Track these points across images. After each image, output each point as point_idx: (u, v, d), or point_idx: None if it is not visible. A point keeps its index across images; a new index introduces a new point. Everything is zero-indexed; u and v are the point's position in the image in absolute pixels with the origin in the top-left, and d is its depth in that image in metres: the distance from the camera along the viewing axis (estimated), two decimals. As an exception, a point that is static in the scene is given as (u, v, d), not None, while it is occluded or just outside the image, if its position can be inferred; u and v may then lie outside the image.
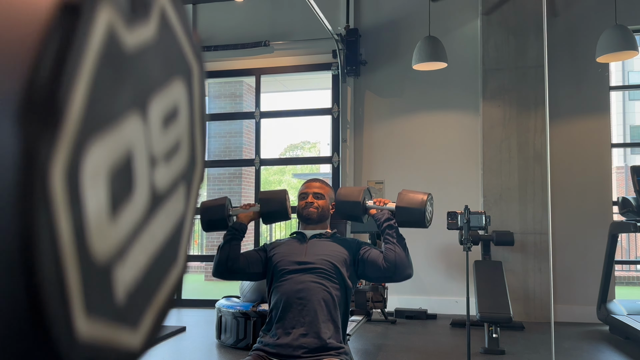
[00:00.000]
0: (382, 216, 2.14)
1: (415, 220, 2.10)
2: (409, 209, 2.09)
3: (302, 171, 18.54)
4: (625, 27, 4.60)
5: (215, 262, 2.18)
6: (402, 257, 2.06)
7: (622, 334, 4.32)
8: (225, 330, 4.14)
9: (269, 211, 2.26)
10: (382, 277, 2.13)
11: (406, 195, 2.12)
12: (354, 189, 2.21)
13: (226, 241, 2.18)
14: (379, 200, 2.19)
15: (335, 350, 2.01)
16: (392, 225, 2.11)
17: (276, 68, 6.25)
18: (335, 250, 2.15)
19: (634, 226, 4.11)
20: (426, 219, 2.10)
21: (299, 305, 2.04)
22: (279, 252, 2.18)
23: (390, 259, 2.06)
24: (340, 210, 2.20)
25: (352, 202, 2.16)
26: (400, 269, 2.06)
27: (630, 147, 18.82)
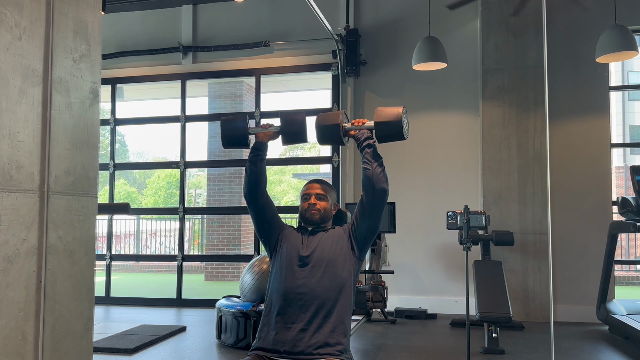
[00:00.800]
0: (362, 135, 2.21)
1: (394, 133, 2.18)
2: (386, 123, 2.17)
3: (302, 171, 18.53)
4: (625, 27, 4.60)
5: (246, 179, 2.24)
6: (378, 171, 2.13)
7: (621, 333, 4.33)
8: (226, 330, 4.15)
9: (289, 131, 2.28)
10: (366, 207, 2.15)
11: (383, 111, 2.20)
12: (331, 114, 2.26)
13: (252, 161, 2.24)
14: (357, 120, 2.26)
15: (335, 347, 2.01)
16: (371, 144, 2.18)
17: (276, 68, 6.25)
18: (335, 241, 2.17)
19: (634, 226, 4.12)
20: (404, 131, 2.19)
21: (299, 300, 2.05)
22: (288, 242, 2.21)
23: (367, 175, 2.14)
24: (321, 135, 2.26)
25: (331, 125, 2.22)
26: (376, 183, 2.12)
27: (630, 147, 18.83)
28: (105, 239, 7.12)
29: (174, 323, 5.13)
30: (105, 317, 5.44)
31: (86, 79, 1.92)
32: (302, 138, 2.30)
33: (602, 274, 4.70)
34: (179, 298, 6.29)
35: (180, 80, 6.50)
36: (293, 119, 2.28)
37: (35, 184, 1.67)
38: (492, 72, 5.44)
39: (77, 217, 1.85)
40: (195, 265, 10.53)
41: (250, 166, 2.23)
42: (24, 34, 1.64)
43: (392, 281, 5.43)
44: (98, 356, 3.84)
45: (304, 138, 2.29)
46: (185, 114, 6.44)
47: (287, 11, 6.18)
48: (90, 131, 1.93)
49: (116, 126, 6.69)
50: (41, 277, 1.68)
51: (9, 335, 1.57)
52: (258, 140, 2.27)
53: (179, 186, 6.66)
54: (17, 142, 1.60)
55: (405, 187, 5.61)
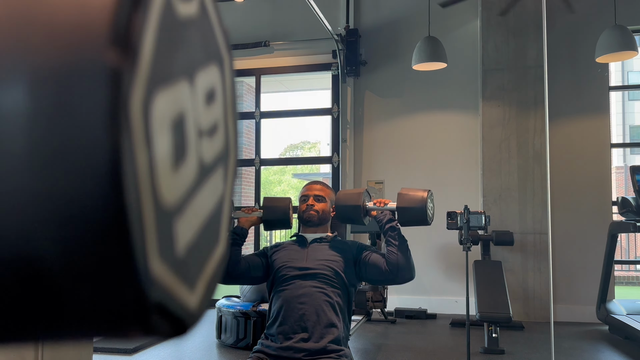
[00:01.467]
0: (384, 217, 2.13)
1: (418, 219, 2.09)
2: (410, 209, 2.07)
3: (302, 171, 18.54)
4: (624, 27, 4.60)
5: None
6: (404, 259, 2.05)
7: (621, 333, 4.33)
8: (226, 330, 4.15)
9: (271, 219, 2.23)
10: (383, 280, 2.13)
11: (406, 195, 2.10)
12: (352, 192, 2.19)
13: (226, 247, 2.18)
14: (379, 200, 2.18)
15: (336, 353, 2.02)
16: (394, 227, 2.10)
17: (276, 68, 6.25)
18: (336, 255, 2.15)
19: (634, 226, 4.12)
20: (428, 217, 2.09)
21: (300, 310, 2.04)
22: (280, 257, 2.18)
23: (392, 261, 2.05)
24: (340, 215, 2.18)
25: (352, 205, 2.13)
26: (402, 272, 2.06)
27: (630, 147, 18.84)
28: (105, 239, 7.11)
29: (174, 323, 5.13)
30: (105, 317, 5.44)
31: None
32: (285, 225, 2.24)
33: (602, 274, 4.70)
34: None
35: (180, 80, 6.49)
36: (276, 206, 2.22)
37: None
38: (492, 72, 5.44)
39: (77, 217, 1.84)
40: (195, 265, 10.52)
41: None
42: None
43: (392, 281, 5.42)
44: (98, 356, 3.84)
45: (288, 225, 2.24)
46: (185, 114, 6.43)
47: (287, 11, 6.18)
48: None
49: (116, 126, 6.69)
50: (41, 277, 1.67)
51: (9, 335, 1.56)
52: (239, 225, 2.21)
53: (179, 186, 6.65)
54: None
55: (405, 187, 5.60)
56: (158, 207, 0.30)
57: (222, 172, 0.42)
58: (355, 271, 2.15)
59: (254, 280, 2.25)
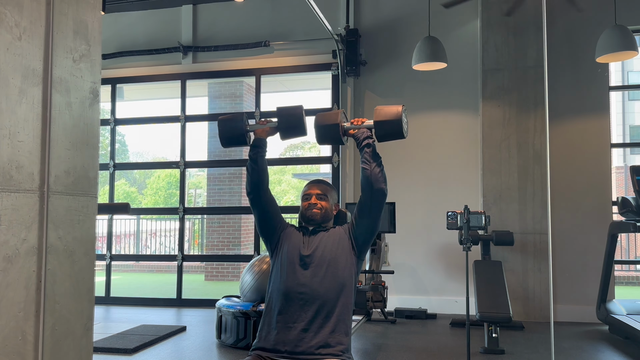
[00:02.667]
0: (362, 135, 2.20)
1: (394, 132, 2.17)
2: (386, 122, 2.16)
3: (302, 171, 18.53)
4: (625, 27, 4.60)
5: (248, 177, 2.23)
6: (377, 171, 2.13)
7: (621, 333, 4.33)
8: (226, 329, 4.15)
9: (287, 126, 2.26)
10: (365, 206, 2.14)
11: (382, 110, 2.19)
12: (330, 113, 2.24)
13: (253, 159, 2.23)
14: (356, 120, 2.25)
15: (336, 348, 2.01)
16: (370, 144, 2.18)
17: (276, 68, 6.25)
18: (335, 241, 2.17)
19: (634, 226, 4.12)
20: (403, 129, 2.17)
21: (300, 299, 2.05)
22: (289, 242, 2.20)
23: (366, 175, 2.13)
24: (320, 135, 2.24)
25: (330, 124, 2.21)
26: (375, 183, 2.11)
27: (630, 147, 18.83)
28: (105, 239, 7.12)
29: (174, 323, 5.13)
30: (105, 317, 5.44)
31: (86, 79, 1.92)
32: (300, 132, 2.27)
33: (602, 274, 4.70)
34: (179, 298, 6.29)
35: (180, 80, 6.50)
36: (290, 113, 2.26)
37: (35, 184, 1.67)
38: (492, 72, 5.44)
39: (77, 217, 1.85)
40: (195, 265, 10.53)
41: (251, 164, 2.23)
42: (24, 34, 1.64)
43: (392, 281, 5.43)
44: (98, 356, 3.84)
45: (303, 131, 2.27)
46: (185, 114, 6.44)
47: (287, 11, 6.18)
48: (90, 131, 1.93)
49: (116, 126, 6.69)
50: (41, 277, 1.68)
51: (9, 335, 1.57)
52: (257, 137, 2.26)
53: (179, 186, 6.66)
54: (17, 142, 1.60)
55: (405, 187, 5.61)
56: None
57: None
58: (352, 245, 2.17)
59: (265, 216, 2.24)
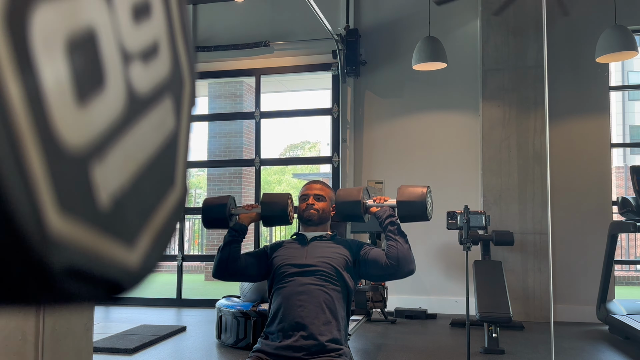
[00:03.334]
0: (384, 213, 2.14)
1: (417, 214, 2.09)
2: (410, 203, 2.09)
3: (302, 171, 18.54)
4: (625, 27, 4.60)
5: (215, 263, 2.19)
6: (405, 252, 2.06)
7: (621, 333, 4.33)
8: (226, 330, 4.15)
9: (270, 215, 2.25)
10: (384, 275, 2.12)
11: (406, 190, 2.12)
12: (352, 190, 2.20)
13: (226, 243, 2.19)
14: (379, 198, 2.20)
15: (335, 352, 2.01)
16: (394, 222, 2.11)
17: (276, 68, 6.25)
18: (335, 252, 2.15)
19: (634, 226, 4.12)
20: (427, 211, 2.09)
21: (299, 307, 2.04)
22: (280, 254, 2.18)
23: (392, 254, 2.06)
24: (341, 212, 2.19)
25: (352, 201, 2.15)
26: (403, 264, 2.05)
27: (630, 147, 18.83)
28: (105, 239, 7.11)
29: (174, 323, 5.13)
30: (105, 317, 5.44)
31: (86, 79, 1.91)
32: (283, 221, 2.26)
33: (602, 274, 4.70)
34: (179, 298, 6.29)
35: (180, 80, 6.49)
36: (274, 202, 2.25)
37: (35, 184, 1.67)
38: (492, 72, 5.44)
39: (77, 217, 1.84)
40: (195, 265, 10.53)
41: (223, 248, 2.19)
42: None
43: (392, 281, 5.43)
44: (98, 356, 3.84)
45: (286, 221, 2.25)
46: (185, 114, 6.43)
47: (287, 11, 6.18)
48: (90, 131, 1.92)
49: (116, 126, 6.69)
50: (41, 277, 1.68)
51: (9, 335, 1.57)
52: (238, 222, 2.23)
53: (179, 186, 6.65)
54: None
55: (405, 187, 5.61)
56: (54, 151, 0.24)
57: (172, 104, 0.34)
58: (354, 268, 2.16)
59: (252, 277, 2.26)
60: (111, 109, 0.28)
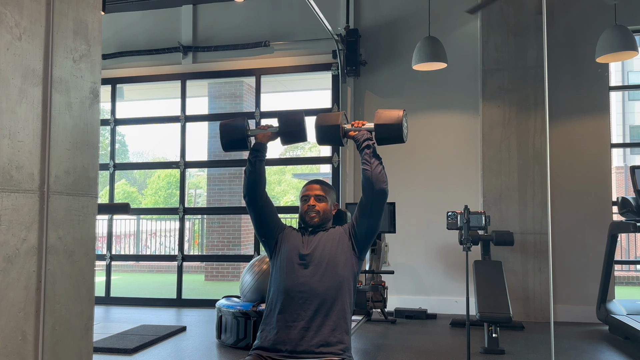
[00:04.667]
0: (362, 137, 2.20)
1: (394, 136, 2.18)
2: (387, 125, 2.17)
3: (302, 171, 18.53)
4: (625, 27, 4.60)
5: (245, 181, 2.24)
6: (377, 171, 2.14)
7: (621, 333, 4.33)
8: (226, 330, 4.15)
9: (288, 131, 2.27)
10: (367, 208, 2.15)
11: (383, 114, 2.19)
12: (331, 114, 2.25)
13: (251, 163, 2.23)
14: (357, 122, 2.26)
15: (337, 347, 2.01)
16: (370, 145, 2.18)
17: (276, 68, 6.25)
18: (335, 241, 2.18)
19: (634, 226, 4.12)
20: (403, 134, 2.18)
21: (300, 299, 2.05)
22: (287, 242, 2.21)
23: (367, 176, 2.14)
24: (320, 136, 2.25)
25: (331, 125, 2.22)
26: (376, 183, 2.12)
27: (630, 147, 18.84)
28: (105, 239, 7.12)
29: (174, 323, 5.13)
30: (105, 317, 5.44)
31: (86, 79, 1.92)
32: (301, 137, 2.29)
33: (602, 274, 4.70)
34: (179, 298, 6.29)
35: (180, 80, 6.50)
36: (291, 118, 2.28)
37: (35, 184, 1.67)
38: (492, 72, 5.44)
39: (77, 217, 1.85)
40: (195, 265, 10.53)
41: (249, 167, 2.23)
42: (24, 34, 1.64)
43: (392, 281, 5.43)
44: (98, 356, 3.84)
45: (304, 137, 2.29)
46: (185, 114, 6.44)
47: (287, 11, 6.18)
48: (90, 131, 1.93)
49: (116, 126, 6.69)
50: (41, 277, 1.68)
51: (9, 335, 1.57)
52: (257, 142, 2.27)
53: (179, 186, 6.66)
54: (17, 142, 1.60)
55: (405, 187, 5.61)
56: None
57: None
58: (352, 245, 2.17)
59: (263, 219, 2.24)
60: None
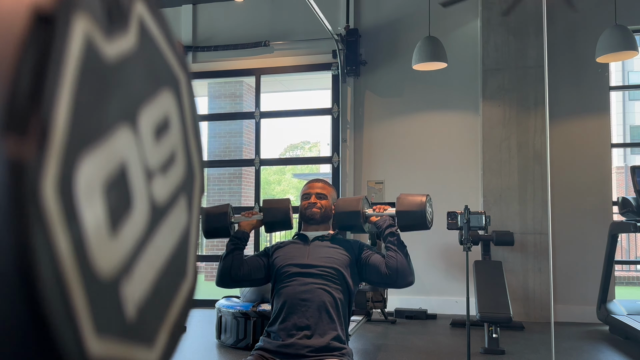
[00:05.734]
0: (384, 223, 2.14)
1: (417, 223, 2.09)
2: (409, 212, 2.08)
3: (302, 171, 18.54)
4: (625, 27, 4.60)
5: (218, 272, 2.18)
6: (404, 264, 2.05)
7: (622, 334, 4.32)
8: (225, 330, 4.14)
9: (272, 221, 2.24)
10: (383, 283, 2.13)
11: (405, 199, 2.11)
12: (352, 199, 2.20)
13: (229, 251, 2.18)
14: (378, 207, 2.20)
15: (338, 351, 2.02)
16: (394, 233, 2.10)
17: (276, 68, 6.25)
18: (337, 252, 2.15)
19: (634, 226, 4.11)
20: (427, 220, 2.09)
21: (302, 307, 2.04)
22: (282, 254, 2.18)
23: (391, 266, 2.05)
24: (340, 222, 2.20)
25: (352, 212, 2.15)
26: (402, 277, 2.06)
27: (630, 147, 18.83)
28: (105, 239, 7.11)
29: (173, 323, 5.13)
30: (105, 317, 5.44)
31: (86, 79, 1.91)
32: (285, 226, 2.26)
33: (603, 274, 4.70)
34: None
35: (180, 80, 6.49)
36: (276, 207, 2.24)
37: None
38: (492, 72, 5.44)
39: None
40: (195, 265, 10.51)
41: (226, 256, 2.18)
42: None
43: (392, 281, 5.42)
44: (98, 356, 3.83)
45: (288, 226, 2.25)
46: (185, 114, 6.43)
47: (287, 11, 6.18)
48: (89, 131, 1.92)
49: (116, 126, 6.69)
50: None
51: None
52: (240, 230, 2.22)
53: (179, 186, 6.65)
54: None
55: (405, 187, 5.60)
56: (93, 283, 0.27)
57: (185, 201, 0.38)
58: (356, 269, 2.16)
59: (256, 282, 2.24)
60: (137, 228, 0.32)
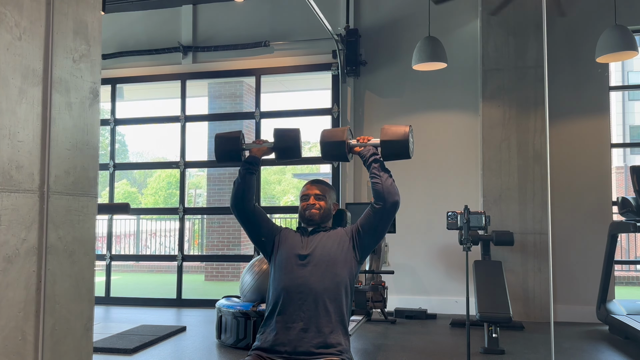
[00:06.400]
0: (368, 152, 2.20)
1: (400, 152, 2.17)
2: (393, 142, 2.16)
3: (302, 171, 18.53)
4: (625, 27, 4.60)
5: (232, 193, 2.24)
6: (388, 184, 2.13)
7: (621, 333, 4.33)
8: (226, 330, 4.15)
9: (283, 146, 2.27)
10: (377, 220, 2.14)
11: (389, 129, 2.19)
12: (337, 130, 2.25)
13: (242, 175, 2.23)
14: (362, 137, 2.26)
15: (336, 348, 2.01)
16: (377, 159, 2.18)
17: (276, 68, 6.25)
18: (336, 242, 2.17)
19: (634, 226, 4.12)
20: (410, 149, 2.17)
21: (299, 299, 2.05)
22: (286, 242, 2.21)
23: (378, 189, 2.13)
24: (325, 151, 2.25)
25: (337, 141, 2.21)
26: (388, 197, 2.12)
27: (630, 147, 18.83)
28: (105, 239, 7.12)
29: (174, 323, 5.13)
30: (105, 317, 5.44)
31: (86, 79, 1.92)
32: (295, 154, 2.29)
33: (602, 274, 4.70)
34: (179, 298, 6.29)
35: (180, 80, 6.50)
36: (287, 134, 2.28)
37: (35, 184, 1.67)
38: (492, 72, 5.44)
39: (77, 217, 1.85)
40: (195, 265, 10.53)
41: (238, 179, 2.23)
42: (24, 34, 1.64)
43: (392, 281, 5.43)
44: (98, 356, 3.84)
45: (298, 154, 2.28)
46: (185, 114, 6.44)
47: (287, 11, 6.18)
48: (90, 131, 1.93)
49: (116, 126, 6.69)
50: (41, 277, 1.68)
51: (9, 335, 1.57)
52: (251, 155, 2.28)
53: (179, 186, 6.66)
54: (17, 142, 1.60)
55: (405, 187, 5.60)
56: None
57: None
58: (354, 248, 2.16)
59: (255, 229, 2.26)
60: None
